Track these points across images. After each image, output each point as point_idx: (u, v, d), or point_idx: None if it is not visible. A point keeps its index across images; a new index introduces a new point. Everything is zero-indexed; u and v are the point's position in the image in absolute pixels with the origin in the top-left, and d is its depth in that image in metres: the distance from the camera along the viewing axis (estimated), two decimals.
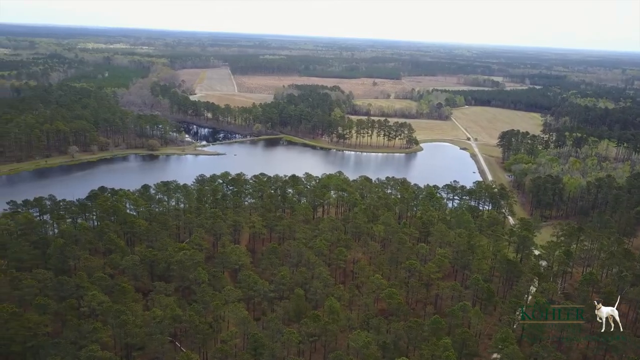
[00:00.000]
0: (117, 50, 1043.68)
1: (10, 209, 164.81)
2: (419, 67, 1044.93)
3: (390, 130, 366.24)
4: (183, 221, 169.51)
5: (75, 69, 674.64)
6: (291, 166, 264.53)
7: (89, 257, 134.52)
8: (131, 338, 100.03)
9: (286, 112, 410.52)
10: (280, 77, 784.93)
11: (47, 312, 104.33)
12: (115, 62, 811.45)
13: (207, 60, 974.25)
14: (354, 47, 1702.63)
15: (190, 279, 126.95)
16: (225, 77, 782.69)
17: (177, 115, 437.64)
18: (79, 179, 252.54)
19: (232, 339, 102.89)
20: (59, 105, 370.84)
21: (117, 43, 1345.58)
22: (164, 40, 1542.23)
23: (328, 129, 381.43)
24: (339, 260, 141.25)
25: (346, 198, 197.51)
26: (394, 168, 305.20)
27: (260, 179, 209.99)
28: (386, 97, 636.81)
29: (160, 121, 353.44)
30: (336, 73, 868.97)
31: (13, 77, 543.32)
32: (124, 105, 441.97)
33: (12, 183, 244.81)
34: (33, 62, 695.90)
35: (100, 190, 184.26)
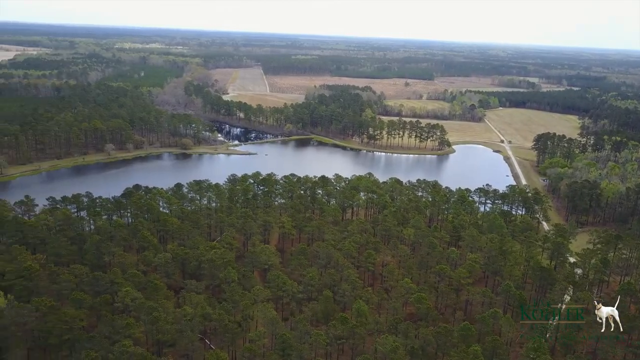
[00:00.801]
0: (152, 50, 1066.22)
1: (49, 205, 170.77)
2: (452, 68, 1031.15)
3: (421, 132, 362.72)
4: (214, 220, 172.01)
5: (112, 69, 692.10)
6: (321, 167, 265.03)
7: (123, 254, 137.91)
8: (162, 335, 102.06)
9: (317, 112, 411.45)
10: (311, 77, 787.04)
11: (82, 306, 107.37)
12: (151, 61, 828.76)
13: (239, 60, 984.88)
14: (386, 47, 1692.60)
15: (221, 277, 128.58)
16: (258, 77, 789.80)
17: (210, 114, 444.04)
18: (115, 176, 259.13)
19: (261, 338, 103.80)
20: (96, 104, 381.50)
21: (152, 43, 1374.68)
22: (198, 40, 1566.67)
23: (359, 130, 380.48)
24: (368, 263, 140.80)
25: (376, 200, 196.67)
26: (425, 170, 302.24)
27: (291, 179, 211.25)
28: (418, 97, 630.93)
29: (194, 120, 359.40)
30: (368, 73, 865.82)
31: (54, 76, 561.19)
32: (159, 104, 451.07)
33: (51, 179, 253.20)
34: (73, 62, 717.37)
35: (135, 188, 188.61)
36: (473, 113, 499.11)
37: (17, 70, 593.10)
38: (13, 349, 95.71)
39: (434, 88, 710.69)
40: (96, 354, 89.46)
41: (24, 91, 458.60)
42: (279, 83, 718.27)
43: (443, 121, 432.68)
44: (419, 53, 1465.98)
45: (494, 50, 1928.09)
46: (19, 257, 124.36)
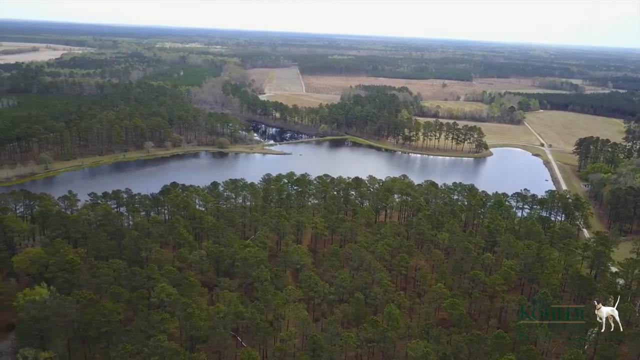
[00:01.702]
0: (192, 49, 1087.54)
1: (91, 200, 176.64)
2: (491, 69, 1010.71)
3: (458, 134, 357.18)
4: (249, 219, 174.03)
5: (153, 68, 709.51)
6: (355, 168, 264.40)
7: (160, 250, 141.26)
8: (196, 331, 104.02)
9: (352, 112, 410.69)
10: (347, 78, 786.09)
11: (120, 300, 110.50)
12: (190, 61, 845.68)
13: (277, 60, 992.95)
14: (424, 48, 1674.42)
15: (254, 276, 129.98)
16: (294, 77, 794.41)
17: (247, 114, 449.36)
18: (153, 173, 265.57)
19: (292, 338, 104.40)
20: (137, 103, 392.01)
21: (192, 43, 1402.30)
22: (236, 40, 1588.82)
23: (394, 131, 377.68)
24: (401, 267, 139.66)
25: (410, 203, 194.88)
26: (461, 173, 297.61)
27: (324, 180, 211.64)
28: (455, 99, 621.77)
29: (230, 120, 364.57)
30: (404, 74, 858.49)
31: (98, 75, 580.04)
32: (197, 103, 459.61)
33: (93, 175, 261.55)
34: (116, 61, 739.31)
35: (172, 186, 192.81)
36: (512, 115, 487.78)
37: (64, 69, 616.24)
38: (54, 339, 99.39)
39: (472, 89, 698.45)
40: (132, 348, 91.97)
41: (69, 89, 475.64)
42: (315, 83, 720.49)
43: (481, 123, 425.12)
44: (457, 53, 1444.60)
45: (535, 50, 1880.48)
46: (61, 251, 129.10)
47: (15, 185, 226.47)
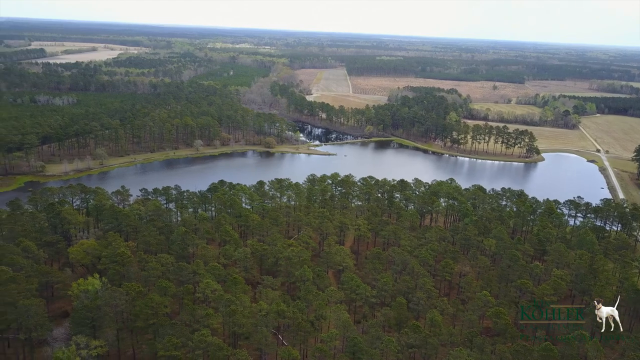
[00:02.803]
0: (242, 50, 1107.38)
1: (142, 195, 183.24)
2: (545, 71, 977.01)
3: (509, 138, 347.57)
4: (292, 218, 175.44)
5: (204, 68, 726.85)
6: (400, 170, 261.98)
7: (206, 246, 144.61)
8: (238, 327, 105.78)
9: (399, 114, 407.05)
10: (395, 79, 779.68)
11: (167, 294, 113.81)
12: (240, 61, 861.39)
13: (324, 61, 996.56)
14: (475, 49, 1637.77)
15: (296, 275, 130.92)
16: (341, 78, 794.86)
17: (293, 114, 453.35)
18: (201, 171, 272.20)
19: (332, 340, 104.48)
20: (188, 102, 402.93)
21: (242, 43, 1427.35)
22: (285, 41, 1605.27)
23: (442, 133, 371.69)
24: (445, 272, 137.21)
25: (456, 207, 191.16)
26: (510, 178, 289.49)
27: (368, 181, 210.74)
28: (507, 102, 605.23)
29: (278, 120, 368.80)
30: (454, 75, 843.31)
31: (151, 74, 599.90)
32: (245, 103, 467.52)
33: (144, 171, 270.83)
34: (169, 61, 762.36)
35: (220, 184, 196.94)
36: (566, 119, 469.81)
37: (120, 68, 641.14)
38: (105, 328, 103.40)
39: (524, 92, 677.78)
40: (177, 341, 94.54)
41: (124, 88, 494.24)
42: (362, 84, 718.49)
43: (532, 127, 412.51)
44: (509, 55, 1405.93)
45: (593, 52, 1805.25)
46: (113, 243, 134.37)
47: (72, 179, 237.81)
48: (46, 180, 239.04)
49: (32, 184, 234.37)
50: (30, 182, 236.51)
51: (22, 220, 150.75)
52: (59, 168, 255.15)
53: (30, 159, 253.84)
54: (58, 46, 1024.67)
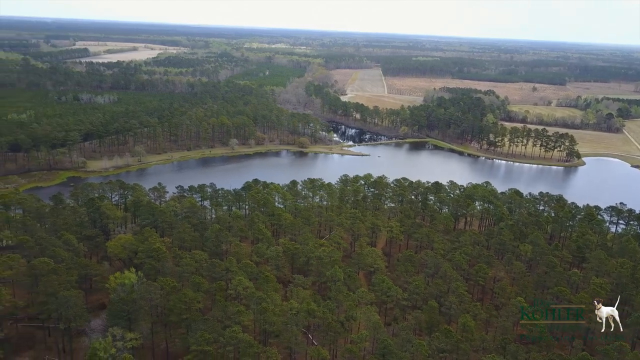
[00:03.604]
0: (278, 50, 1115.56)
1: (178, 192, 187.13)
2: (587, 72, 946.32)
3: (548, 141, 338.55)
4: (324, 218, 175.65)
5: (240, 67, 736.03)
6: (435, 172, 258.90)
7: (239, 244, 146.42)
8: (269, 325, 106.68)
9: (434, 115, 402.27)
10: (431, 79, 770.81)
11: (200, 290, 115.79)
12: (276, 61, 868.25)
13: (360, 61, 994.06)
14: (514, 49, 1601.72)
15: (327, 275, 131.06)
16: (377, 78, 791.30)
17: (328, 114, 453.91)
18: (236, 170, 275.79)
19: (362, 341, 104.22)
20: (224, 101, 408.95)
21: (278, 43, 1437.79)
22: (321, 41, 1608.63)
23: (478, 135, 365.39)
24: (479, 277, 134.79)
25: (492, 211, 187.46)
26: (549, 183, 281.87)
27: (402, 183, 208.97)
28: (546, 104, 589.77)
29: (312, 120, 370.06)
30: (492, 76, 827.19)
31: (189, 73, 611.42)
32: (280, 103, 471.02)
33: (181, 169, 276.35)
34: (206, 61, 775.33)
35: (254, 182, 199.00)
36: (610, 123, 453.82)
37: (159, 67, 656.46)
38: (140, 321, 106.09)
39: (565, 94, 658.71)
40: (209, 336, 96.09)
41: (163, 87, 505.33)
42: (397, 84, 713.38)
43: (573, 130, 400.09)
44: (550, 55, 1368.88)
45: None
46: (149, 239, 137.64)
47: (111, 175, 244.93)
48: (87, 176, 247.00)
49: (74, 179, 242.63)
50: (72, 177, 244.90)
51: (64, 214, 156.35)
52: (100, 164, 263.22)
53: (72, 155, 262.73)
54: (101, 46, 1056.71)
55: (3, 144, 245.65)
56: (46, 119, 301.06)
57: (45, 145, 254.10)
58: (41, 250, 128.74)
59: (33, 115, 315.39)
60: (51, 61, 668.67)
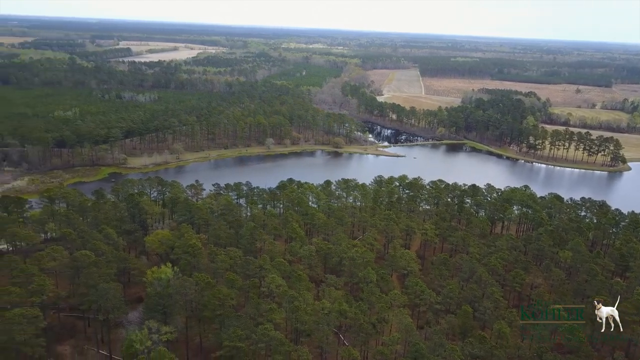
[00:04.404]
0: (315, 50, 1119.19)
1: (214, 190, 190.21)
2: (636, 74, 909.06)
3: (591, 145, 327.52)
4: (358, 219, 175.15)
5: (277, 67, 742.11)
6: (472, 174, 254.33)
7: (272, 242, 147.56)
8: (301, 324, 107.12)
9: (473, 117, 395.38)
10: (470, 80, 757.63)
11: (234, 286, 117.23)
12: (313, 61, 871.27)
13: (397, 62, 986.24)
14: (557, 50, 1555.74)
15: (360, 276, 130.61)
16: (414, 79, 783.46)
17: (363, 115, 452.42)
18: (271, 169, 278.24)
19: (394, 343, 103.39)
20: (261, 101, 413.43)
21: (315, 43, 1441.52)
22: (358, 41, 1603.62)
23: (518, 138, 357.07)
24: (515, 283, 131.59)
25: (530, 216, 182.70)
26: (591, 188, 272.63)
27: (438, 185, 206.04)
28: (590, 106, 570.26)
29: (347, 120, 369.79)
30: (533, 78, 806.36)
31: (227, 73, 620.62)
32: (316, 103, 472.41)
33: (217, 167, 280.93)
34: (244, 60, 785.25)
35: (288, 182, 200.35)
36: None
37: (198, 67, 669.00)
38: (175, 315, 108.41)
39: (611, 96, 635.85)
40: (242, 333, 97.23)
41: (202, 86, 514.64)
42: (435, 85, 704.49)
43: (619, 134, 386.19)
44: (595, 56, 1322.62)
45: None
46: (186, 235, 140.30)
47: (151, 172, 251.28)
48: (127, 172, 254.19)
49: (115, 175, 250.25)
50: (113, 173, 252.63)
51: (104, 209, 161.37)
52: (140, 161, 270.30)
53: (114, 152, 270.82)
54: (143, 45, 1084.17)
55: (50, 140, 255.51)
56: (90, 117, 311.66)
57: (89, 142, 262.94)
58: (83, 243, 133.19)
59: (78, 112, 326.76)
60: (96, 60, 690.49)
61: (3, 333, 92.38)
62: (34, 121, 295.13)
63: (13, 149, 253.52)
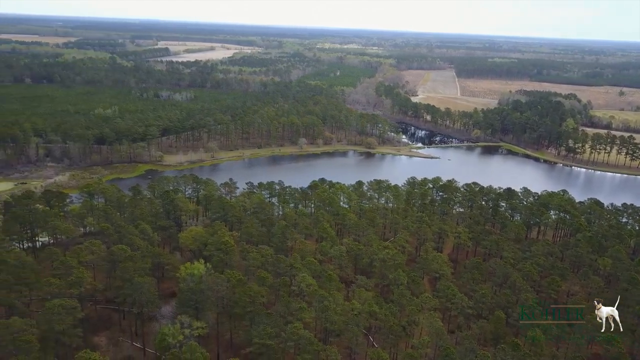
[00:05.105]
0: (349, 50, 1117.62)
1: (247, 189, 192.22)
2: None
3: (635, 149, 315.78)
4: (389, 220, 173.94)
5: (312, 67, 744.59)
6: (508, 178, 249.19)
7: (303, 241, 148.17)
8: (330, 324, 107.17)
9: (510, 119, 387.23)
10: (507, 82, 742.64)
11: (264, 284, 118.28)
12: (347, 61, 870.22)
13: (432, 62, 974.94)
14: (600, 51, 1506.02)
15: (390, 278, 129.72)
16: (449, 80, 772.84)
17: (397, 115, 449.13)
18: (303, 169, 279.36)
19: (424, 347, 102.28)
20: (295, 101, 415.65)
21: (350, 44, 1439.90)
22: (393, 41, 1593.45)
23: (556, 141, 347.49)
24: (550, 290, 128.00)
25: (568, 221, 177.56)
26: (634, 194, 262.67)
27: (472, 188, 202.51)
28: (635, 109, 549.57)
29: (380, 121, 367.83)
30: (573, 79, 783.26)
31: (262, 73, 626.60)
32: (350, 103, 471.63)
33: (251, 166, 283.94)
34: (279, 60, 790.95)
35: (320, 182, 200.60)
36: None
37: (234, 67, 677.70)
38: (206, 311, 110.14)
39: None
40: (271, 330, 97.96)
41: (237, 85, 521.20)
42: (471, 86, 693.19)
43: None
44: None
45: None
46: (219, 232, 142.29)
47: (186, 169, 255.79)
48: (163, 169, 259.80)
49: (151, 172, 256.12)
50: (150, 170, 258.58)
51: (141, 205, 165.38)
52: (175, 159, 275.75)
53: (151, 149, 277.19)
54: (181, 45, 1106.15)
55: (90, 137, 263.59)
56: (128, 115, 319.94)
57: (127, 139, 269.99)
58: (120, 237, 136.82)
59: (117, 110, 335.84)
60: (135, 60, 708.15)
61: (44, 322, 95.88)
62: (76, 119, 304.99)
63: (56, 145, 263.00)
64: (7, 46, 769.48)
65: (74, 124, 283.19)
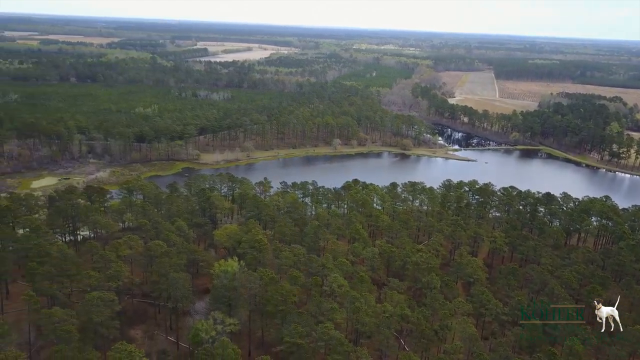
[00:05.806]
0: (386, 51, 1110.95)
1: (281, 188, 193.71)
2: None
3: None
4: (424, 223, 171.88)
5: (348, 68, 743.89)
6: (547, 182, 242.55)
7: (336, 242, 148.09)
8: (361, 325, 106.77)
9: (550, 122, 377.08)
10: (548, 84, 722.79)
11: (296, 283, 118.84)
12: (383, 62, 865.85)
13: (470, 63, 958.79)
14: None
15: (423, 282, 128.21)
16: (488, 81, 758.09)
17: (433, 117, 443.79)
18: (337, 169, 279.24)
19: (456, 352, 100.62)
20: (330, 101, 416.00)
21: (387, 44, 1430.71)
22: (430, 42, 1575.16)
23: (599, 145, 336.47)
24: (590, 299, 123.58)
25: (611, 228, 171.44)
26: None
27: (510, 192, 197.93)
28: None
29: (416, 122, 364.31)
30: (619, 82, 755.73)
31: (298, 73, 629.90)
32: (385, 104, 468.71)
33: (285, 165, 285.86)
34: (315, 61, 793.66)
35: (354, 182, 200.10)
36: None
37: (270, 67, 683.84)
38: (239, 308, 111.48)
39: None
40: (302, 330, 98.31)
41: (273, 86, 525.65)
42: (510, 88, 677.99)
43: None
44: None
45: None
46: (252, 230, 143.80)
47: (222, 168, 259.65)
48: (200, 168, 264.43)
49: (188, 170, 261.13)
50: (186, 168, 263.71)
51: (177, 202, 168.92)
52: (212, 157, 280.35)
53: (188, 148, 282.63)
54: (219, 46, 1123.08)
55: (130, 134, 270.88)
56: (167, 114, 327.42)
57: (165, 138, 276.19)
58: (157, 233, 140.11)
59: (157, 109, 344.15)
60: (175, 60, 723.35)
61: (83, 313, 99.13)
62: (117, 117, 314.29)
63: (98, 143, 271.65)
64: (55, 46, 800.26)
65: (116, 122, 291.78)
